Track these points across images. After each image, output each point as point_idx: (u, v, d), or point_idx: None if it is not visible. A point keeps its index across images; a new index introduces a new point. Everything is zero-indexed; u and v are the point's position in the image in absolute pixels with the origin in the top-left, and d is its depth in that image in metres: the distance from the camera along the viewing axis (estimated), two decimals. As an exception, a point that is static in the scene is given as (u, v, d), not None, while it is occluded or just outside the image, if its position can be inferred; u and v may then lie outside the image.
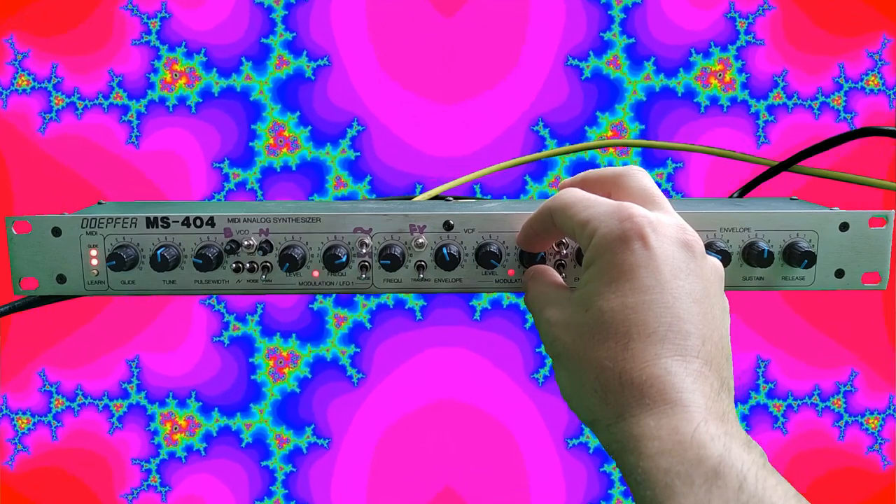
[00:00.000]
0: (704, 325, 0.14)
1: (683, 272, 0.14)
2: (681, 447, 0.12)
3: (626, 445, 0.13)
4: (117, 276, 0.18)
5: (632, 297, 0.14)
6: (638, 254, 0.14)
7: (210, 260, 0.17)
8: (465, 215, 0.18)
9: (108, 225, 0.18)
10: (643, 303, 0.13)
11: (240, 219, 0.18)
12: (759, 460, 0.12)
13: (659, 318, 0.13)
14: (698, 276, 0.14)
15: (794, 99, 0.50)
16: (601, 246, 0.14)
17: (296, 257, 0.17)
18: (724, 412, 0.13)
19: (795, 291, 0.17)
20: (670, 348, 0.13)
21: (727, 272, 0.18)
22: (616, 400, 0.13)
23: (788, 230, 0.17)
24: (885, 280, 0.18)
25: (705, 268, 0.14)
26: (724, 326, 0.14)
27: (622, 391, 0.13)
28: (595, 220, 0.14)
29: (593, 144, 0.33)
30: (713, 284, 0.14)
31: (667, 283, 0.14)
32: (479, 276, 0.18)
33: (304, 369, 0.59)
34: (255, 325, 0.55)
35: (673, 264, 0.14)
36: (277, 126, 0.54)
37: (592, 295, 0.14)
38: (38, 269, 0.17)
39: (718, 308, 0.14)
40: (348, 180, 0.59)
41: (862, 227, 0.17)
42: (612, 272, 0.14)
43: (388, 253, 0.17)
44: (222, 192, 0.54)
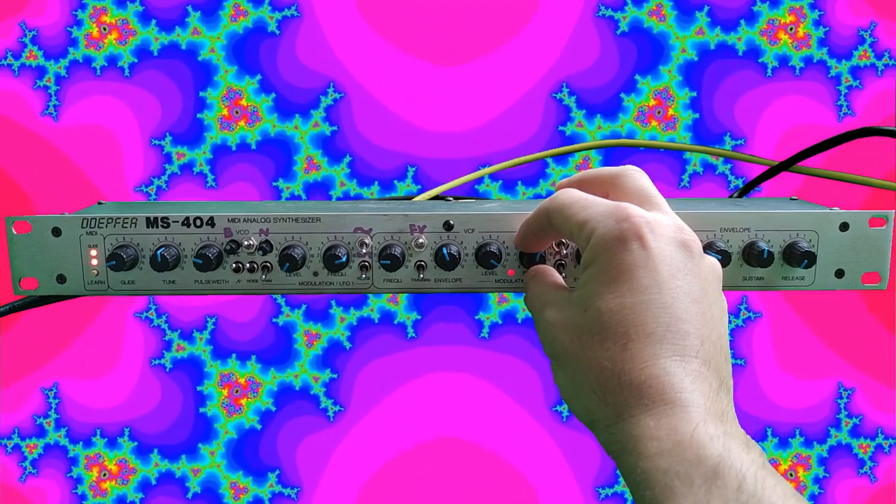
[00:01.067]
0: (703, 325, 0.19)
1: (681, 272, 0.19)
2: (680, 447, 0.17)
3: (626, 446, 0.18)
4: (117, 276, 0.25)
5: (630, 297, 0.19)
6: (636, 254, 0.19)
7: (210, 260, 0.25)
8: (465, 215, 0.25)
9: (108, 225, 0.25)
10: (641, 303, 0.19)
11: (240, 219, 0.26)
12: (759, 460, 0.17)
13: (657, 319, 0.18)
14: (696, 275, 0.19)
15: (885, 59, 0.57)
16: (599, 247, 0.20)
17: (296, 257, 0.25)
18: (723, 411, 0.18)
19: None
20: (669, 348, 0.18)
21: (727, 272, 0.25)
22: (615, 400, 0.18)
23: (788, 230, 0.25)
24: (885, 280, 0.26)
25: (703, 267, 0.20)
26: (723, 326, 0.20)
27: (621, 391, 0.18)
28: (593, 221, 0.20)
29: (593, 144, 0.40)
30: (711, 284, 0.20)
31: (665, 284, 0.19)
32: (479, 276, 0.25)
33: (266, 400, 0.65)
34: (204, 344, 0.63)
35: (671, 264, 0.19)
36: (233, 93, 0.61)
37: (591, 295, 0.20)
38: (38, 269, 0.25)
39: (717, 307, 0.20)
40: (322, 161, 0.66)
41: (862, 227, 0.25)
42: (611, 273, 0.19)
43: (388, 253, 0.24)
44: (163, 175, 0.61)
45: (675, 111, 0.61)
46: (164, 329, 0.60)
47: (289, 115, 0.61)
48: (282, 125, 0.61)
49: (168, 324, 0.61)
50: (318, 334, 0.63)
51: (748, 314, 0.60)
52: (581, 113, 0.61)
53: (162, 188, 0.59)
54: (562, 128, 0.61)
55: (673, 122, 0.61)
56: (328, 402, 0.62)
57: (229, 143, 0.61)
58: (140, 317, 0.60)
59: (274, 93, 0.60)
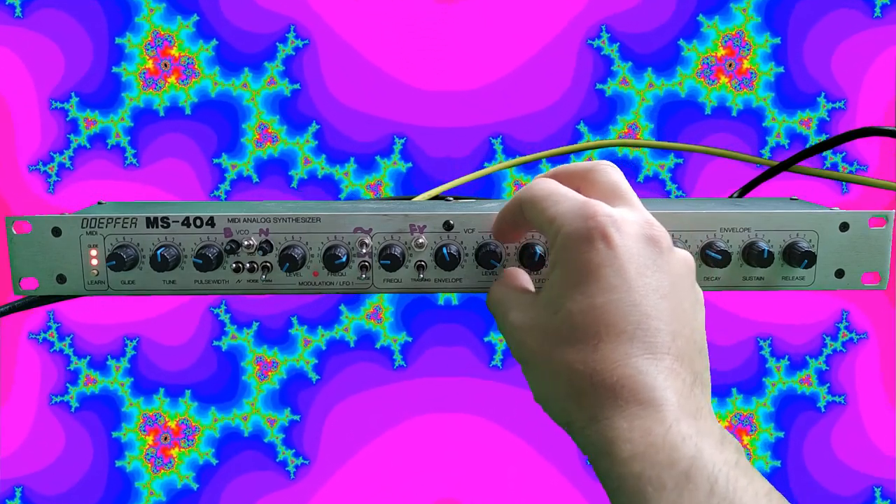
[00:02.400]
0: (674, 321, 0.32)
1: (650, 269, 0.32)
2: (653, 450, 0.28)
3: (601, 449, 0.30)
4: (117, 276, 0.43)
5: (599, 297, 0.31)
6: (602, 253, 0.32)
7: (210, 260, 0.43)
8: (465, 215, 0.42)
9: (108, 225, 0.43)
10: (610, 302, 0.31)
11: (240, 219, 0.43)
12: (733, 458, 0.28)
13: (627, 317, 0.31)
14: (666, 271, 0.33)
15: None
16: (565, 246, 0.33)
17: (296, 257, 0.42)
18: (697, 408, 0.30)
19: None
20: (640, 347, 0.30)
21: (727, 272, 0.43)
22: (588, 402, 0.31)
23: (788, 230, 0.43)
24: (885, 280, 0.43)
25: (673, 262, 0.34)
26: (697, 320, 0.34)
27: (594, 393, 0.30)
28: (560, 219, 0.34)
29: (593, 145, 0.58)
30: (682, 278, 0.34)
31: (633, 281, 0.32)
32: (479, 276, 0.43)
33: (204, 450, 0.85)
34: (122, 375, 0.81)
35: (638, 262, 0.32)
36: (160, 39, 0.80)
37: (559, 297, 0.33)
38: (38, 269, 0.43)
39: (688, 302, 0.34)
40: (280, 130, 0.85)
41: (862, 227, 0.43)
42: (578, 273, 0.32)
43: (388, 253, 0.42)
44: (67, 150, 0.80)
45: (752, 63, 0.80)
46: (69, 355, 0.79)
47: (235, 70, 0.79)
48: (226, 83, 0.80)
49: (74, 348, 0.79)
50: (274, 362, 0.82)
51: (850, 335, 0.79)
52: (626, 66, 0.80)
53: (65, 167, 0.78)
54: (600, 86, 0.80)
55: (749, 78, 0.79)
56: (288, 453, 0.80)
57: (155, 107, 0.79)
58: (36, 339, 0.78)
59: (215, 39, 0.78)
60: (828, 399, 0.79)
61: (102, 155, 0.77)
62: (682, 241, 0.43)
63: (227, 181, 0.78)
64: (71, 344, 0.78)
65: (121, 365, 0.78)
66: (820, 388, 0.79)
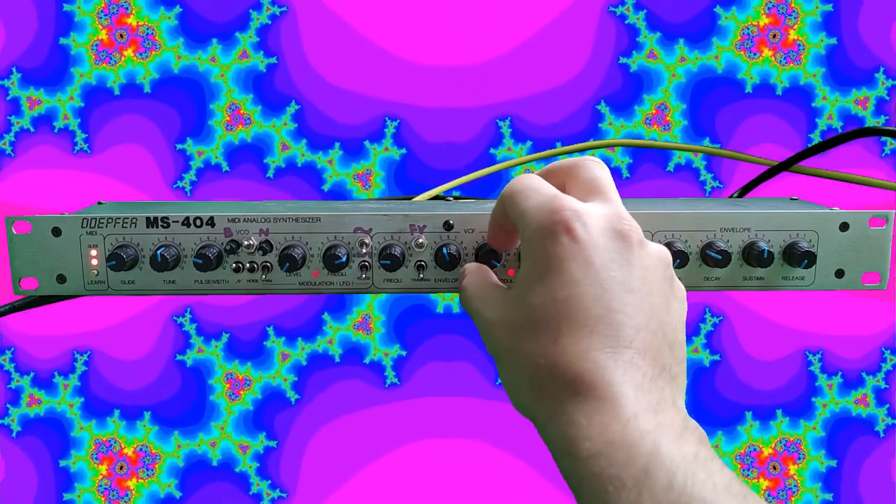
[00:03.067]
0: (639, 314, 0.45)
1: (616, 262, 0.45)
2: (611, 448, 0.40)
3: (562, 448, 0.43)
4: (117, 276, 0.61)
5: (561, 290, 0.45)
6: (566, 247, 0.45)
7: (210, 260, 0.60)
8: (465, 215, 0.60)
9: (108, 225, 0.61)
10: (573, 296, 0.44)
11: (240, 219, 0.61)
12: (691, 452, 0.41)
13: (588, 311, 0.44)
14: (634, 265, 0.46)
15: None
16: (532, 241, 0.47)
17: (296, 257, 0.60)
18: (659, 401, 0.43)
19: None
20: (601, 340, 0.43)
21: (727, 272, 0.61)
22: (549, 396, 0.44)
23: (788, 230, 0.61)
24: (885, 280, 0.61)
25: (644, 256, 0.47)
26: (670, 314, 0.47)
27: (555, 387, 0.44)
28: (529, 213, 0.48)
29: (593, 145, 0.76)
30: (653, 272, 0.47)
31: (597, 275, 0.45)
32: None
33: (167, 481, 0.99)
34: (71, 394, 0.99)
35: (604, 255, 0.45)
36: (115, 7, 0.98)
37: (524, 291, 0.47)
38: (38, 269, 0.61)
39: (659, 296, 0.47)
40: (254, 112, 1.03)
41: (862, 227, 0.61)
42: (542, 267, 0.46)
43: (388, 253, 0.60)
44: (7, 134, 0.98)
45: (800, 34, 0.98)
46: (10, 372, 0.96)
47: (202, 41, 0.97)
48: (191, 56, 0.97)
49: (16, 363, 0.96)
50: (246, 379, 0.98)
51: (914, 348, 0.97)
52: (654, 37, 0.98)
53: (5, 153, 0.95)
54: (624, 60, 0.98)
55: (796, 50, 0.98)
56: (263, 484, 0.96)
57: (109, 85, 0.97)
58: None
59: (179, 6, 0.95)
60: (887, 422, 0.96)
61: (48, 140, 0.95)
62: (683, 241, 0.61)
63: (192, 170, 0.96)
64: (12, 358, 0.95)
65: (70, 383, 0.95)
66: (878, 410, 0.96)
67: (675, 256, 0.61)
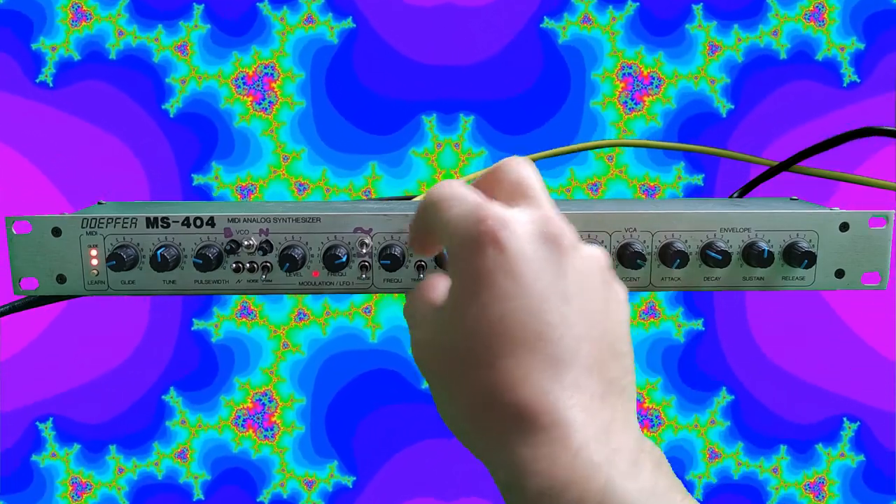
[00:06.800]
0: (580, 324, 0.37)
1: (549, 271, 0.37)
2: (561, 486, 0.35)
3: (508, 483, 0.37)
4: (117, 276, 0.59)
5: (493, 307, 0.37)
6: (494, 259, 0.37)
7: (210, 260, 0.58)
8: (466, 215, 0.61)
9: (108, 225, 0.58)
10: (506, 313, 0.36)
11: (240, 219, 0.59)
12: (648, 484, 0.36)
13: (525, 328, 0.36)
14: (569, 271, 0.38)
15: None
16: (457, 255, 0.39)
17: (296, 257, 0.58)
18: (609, 422, 0.37)
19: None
20: (541, 360, 0.36)
21: (727, 272, 0.59)
22: (491, 427, 0.36)
23: (788, 230, 0.58)
24: (885, 280, 0.59)
25: (578, 260, 0.39)
26: (611, 320, 0.40)
27: (495, 418, 0.36)
28: (451, 225, 0.40)
29: (593, 145, 0.74)
30: (589, 277, 0.40)
31: (530, 287, 0.37)
32: None
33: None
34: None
35: (535, 265, 0.37)
36: None
37: (454, 311, 0.38)
38: (38, 269, 0.59)
39: (598, 301, 0.39)
40: (93, 8, 1.03)
41: (862, 227, 0.58)
42: (471, 283, 0.38)
43: (389, 253, 0.58)
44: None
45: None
46: None
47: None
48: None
49: None
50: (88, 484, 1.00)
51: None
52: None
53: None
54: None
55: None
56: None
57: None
58: None
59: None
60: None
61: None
62: (683, 241, 0.59)
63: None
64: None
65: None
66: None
67: (674, 256, 0.59)
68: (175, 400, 1.03)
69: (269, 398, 1.05)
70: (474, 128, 1.04)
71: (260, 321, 1.04)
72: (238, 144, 1.03)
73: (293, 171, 1.05)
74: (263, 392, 1.05)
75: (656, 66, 1.01)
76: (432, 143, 1.05)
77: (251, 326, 1.04)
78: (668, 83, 1.01)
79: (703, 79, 1.01)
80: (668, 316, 1.07)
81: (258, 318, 1.04)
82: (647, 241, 0.60)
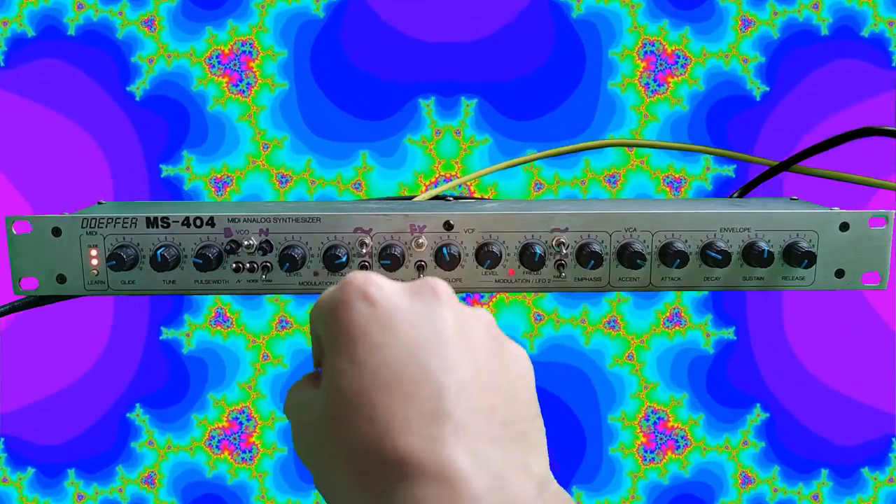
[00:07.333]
0: (462, 367, 0.47)
1: (425, 318, 0.48)
2: None
3: None
4: (117, 276, 0.76)
5: (368, 360, 0.46)
6: (363, 312, 0.48)
7: (210, 260, 0.74)
8: (465, 215, 0.78)
9: (108, 225, 0.75)
10: (379, 361, 0.46)
11: (240, 219, 0.75)
12: None
13: (400, 375, 0.46)
14: (446, 317, 0.49)
15: None
16: (326, 318, 0.50)
17: (296, 257, 0.74)
18: (503, 468, 0.44)
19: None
20: (421, 406, 0.44)
21: (727, 272, 0.76)
22: (375, 485, 0.44)
23: (788, 230, 0.75)
24: (885, 280, 0.76)
25: (459, 309, 0.51)
26: (501, 365, 0.50)
27: (379, 474, 0.44)
28: (321, 303, 0.51)
29: (593, 145, 0.91)
30: (473, 325, 0.50)
31: (404, 334, 0.47)
32: (479, 276, 0.76)
33: None
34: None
35: (409, 315, 0.48)
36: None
37: (330, 379, 0.48)
38: (38, 269, 0.75)
39: (485, 349, 0.49)
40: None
41: (862, 227, 0.75)
42: (342, 340, 0.48)
43: (388, 253, 0.74)
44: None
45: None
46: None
47: None
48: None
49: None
50: None
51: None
52: None
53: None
54: None
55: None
56: None
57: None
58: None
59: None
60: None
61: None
62: (683, 241, 0.75)
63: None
64: None
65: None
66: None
67: (675, 256, 0.75)
68: (141, 418, 1.14)
69: (248, 416, 1.15)
70: (477, 112, 1.15)
71: (237, 329, 1.15)
72: (212, 131, 1.14)
73: (274, 162, 1.15)
74: (241, 409, 1.15)
75: (682, 43, 1.13)
76: (430, 130, 1.16)
77: (227, 335, 1.14)
78: (696, 62, 1.13)
79: (735, 57, 1.13)
80: (696, 324, 1.17)
81: (235, 326, 1.14)
82: (647, 241, 0.76)
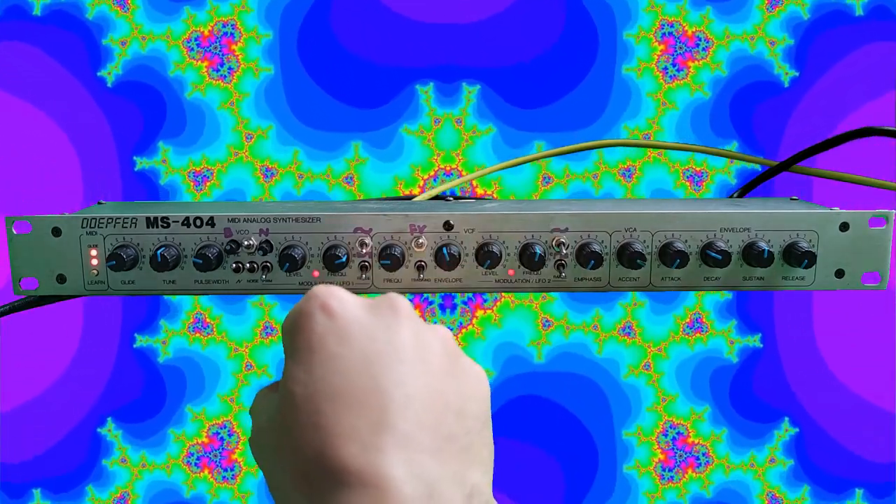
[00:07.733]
0: (416, 383, 0.59)
1: (380, 331, 0.61)
2: None
3: None
4: (117, 276, 0.91)
5: (318, 368, 0.59)
6: (324, 325, 0.60)
7: (210, 260, 0.88)
8: (465, 215, 0.94)
9: (108, 225, 0.89)
10: (332, 371, 0.58)
11: (240, 219, 0.89)
12: None
13: (351, 386, 0.58)
14: (402, 333, 0.62)
15: None
16: (287, 330, 0.63)
17: (296, 257, 0.87)
18: (436, 480, 0.56)
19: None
20: (367, 416, 0.57)
21: (727, 272, 0.90)
22: (316, 490, 0.56)
23: (788, 230, 0.90)
24: (885, 280, 0.91)
25: (418, 326, 0.64)
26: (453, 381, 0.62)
27: (321, 479, 0.56)
28: (287, 317, 0.64)
29: (593, 145, 1.07)
30: (429, 342, 0.63)
31: (358, 347, 0.60)
32: (479, 276, 0.90)
33: None
34: None
35: (365, 326, 0.61)
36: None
37: (285, 384, 0.60)
38: (38, 269, 0.89)
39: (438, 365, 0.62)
40: None
41: (862, 227, 0.90)
42: (300, 350, 0.61)
43: (388, 253, 0.88)
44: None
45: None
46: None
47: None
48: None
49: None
50: None
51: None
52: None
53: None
54: None
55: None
56: None
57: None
58: None
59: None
60: None
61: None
62: (683, 241, 0.88)
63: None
64: None
65: None
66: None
67: (675, 256, 0.89)
68: (113, 434, 1.26)
69: (229, 432, 1.26)
70: (480, 99, 1.26)
71: (217, 336, 1.26)
72: (191, 120, 1.25)
73: (258, 153, 1.26)
74: (222, 424, 1.27)
75: (703, 25, 1.24)
76: (429, 119, 1.26)
77: (206, 343, 1.25)
78: (718, 45, 1.24)
79: (761, 39, 1.24)
80: (718, 330, 1.28)
81: (215, 332, 1.26)
82: (647, 241, 0.91)
